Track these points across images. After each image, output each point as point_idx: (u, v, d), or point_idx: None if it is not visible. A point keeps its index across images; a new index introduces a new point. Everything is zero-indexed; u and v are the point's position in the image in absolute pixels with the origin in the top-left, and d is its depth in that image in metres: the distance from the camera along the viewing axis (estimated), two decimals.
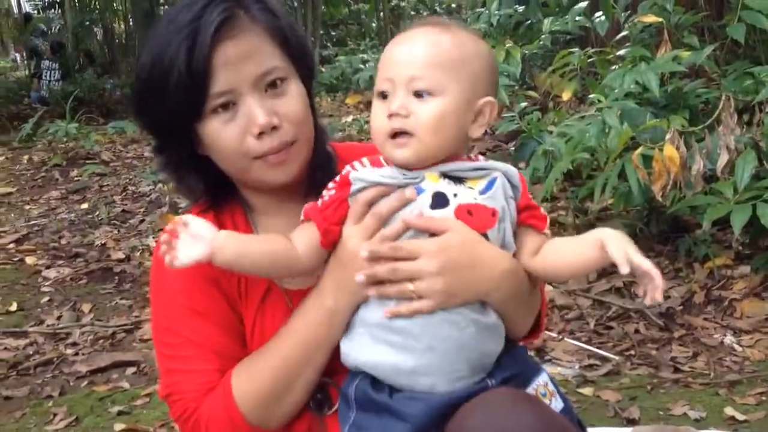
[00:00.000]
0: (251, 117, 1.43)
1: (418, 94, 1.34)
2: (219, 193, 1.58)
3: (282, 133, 1.45)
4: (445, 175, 1.37)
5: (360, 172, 1.39)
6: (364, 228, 1.37)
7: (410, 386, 1.34)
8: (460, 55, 1.37)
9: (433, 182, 1.36)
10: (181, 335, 1.50)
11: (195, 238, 1.32)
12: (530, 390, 1.38)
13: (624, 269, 1.25)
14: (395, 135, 1.35)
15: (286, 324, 1.48)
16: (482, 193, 1.37)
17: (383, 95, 1.38)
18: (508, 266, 1.40)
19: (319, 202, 1.41)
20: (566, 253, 1.39)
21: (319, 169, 1.56)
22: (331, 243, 1.40)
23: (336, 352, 1.44)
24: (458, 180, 1.37)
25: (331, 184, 1.42)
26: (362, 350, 1.38)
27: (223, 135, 1.44)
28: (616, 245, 1.28)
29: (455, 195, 1.36)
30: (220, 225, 1.53)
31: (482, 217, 1.35)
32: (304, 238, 1.40)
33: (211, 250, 1.32)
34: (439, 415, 1.30)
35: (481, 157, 1.45)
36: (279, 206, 1.57)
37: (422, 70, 1.34)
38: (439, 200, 1.35)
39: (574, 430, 1.34)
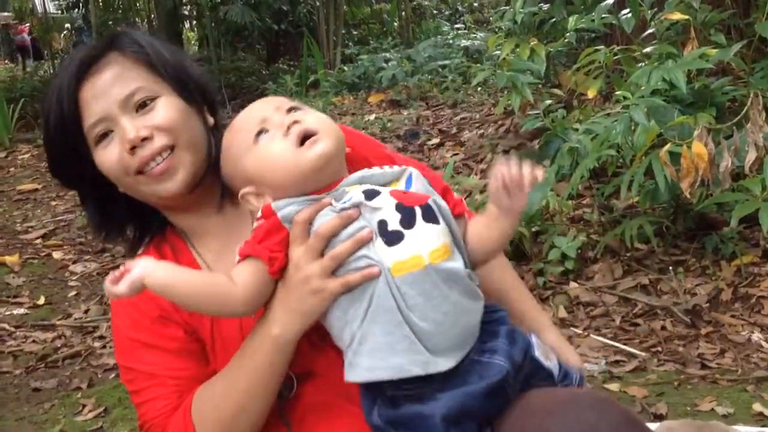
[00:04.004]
0: (122, 135, 1.51)
1: (294, 110, 1.44)
2: (147, 227, 1.68)
3: (154, 141, 1.51)
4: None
5: (281, 201, 1.37)
6: (310, 248, 1.34)
7: (434, 370, 1.30)
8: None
9: (357, 189, 1.36)
10: (137, 370, 1.56)
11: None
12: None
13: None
14: (303, 141, 1.38)
15: (238, 353, 1.48)
16: (405, 190, 1.38)
17: (262, 132, 1.42)
18: None
19: (251, 237, 1.38)
20: (485, 239, 1.43)
21: None
22: (278, 271, 1.36)
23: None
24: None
25: (258, 216, 1.39)
26: (379, 360, 1.32)
27: (106, 159, 1.54)
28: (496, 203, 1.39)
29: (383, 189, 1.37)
30: (161, 255, 1.61)
31: (417, 195, 1.36)
32: (243, 274, 1.36)
33: (142, 273, 1.31)
34: (459, 407, 1.30)
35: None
36: (202, 223, 1.63)
37: (284, 102, 1.47)
38: (371, 192, 1.34)
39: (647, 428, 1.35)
